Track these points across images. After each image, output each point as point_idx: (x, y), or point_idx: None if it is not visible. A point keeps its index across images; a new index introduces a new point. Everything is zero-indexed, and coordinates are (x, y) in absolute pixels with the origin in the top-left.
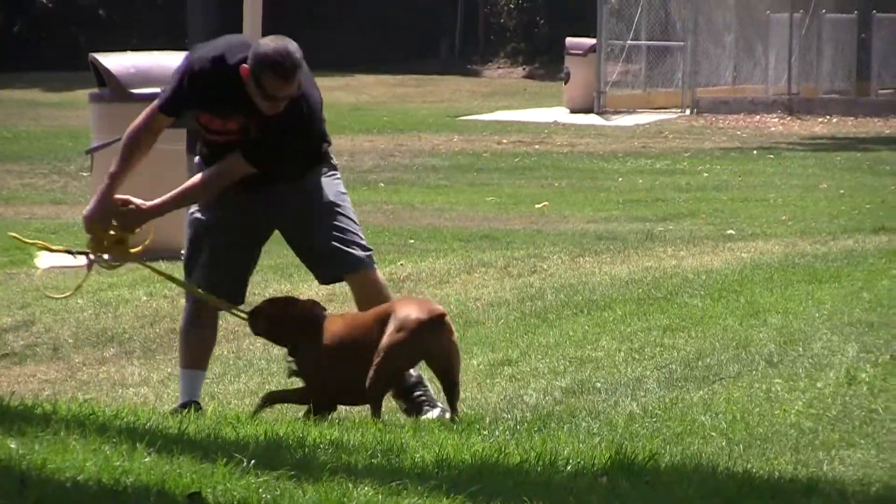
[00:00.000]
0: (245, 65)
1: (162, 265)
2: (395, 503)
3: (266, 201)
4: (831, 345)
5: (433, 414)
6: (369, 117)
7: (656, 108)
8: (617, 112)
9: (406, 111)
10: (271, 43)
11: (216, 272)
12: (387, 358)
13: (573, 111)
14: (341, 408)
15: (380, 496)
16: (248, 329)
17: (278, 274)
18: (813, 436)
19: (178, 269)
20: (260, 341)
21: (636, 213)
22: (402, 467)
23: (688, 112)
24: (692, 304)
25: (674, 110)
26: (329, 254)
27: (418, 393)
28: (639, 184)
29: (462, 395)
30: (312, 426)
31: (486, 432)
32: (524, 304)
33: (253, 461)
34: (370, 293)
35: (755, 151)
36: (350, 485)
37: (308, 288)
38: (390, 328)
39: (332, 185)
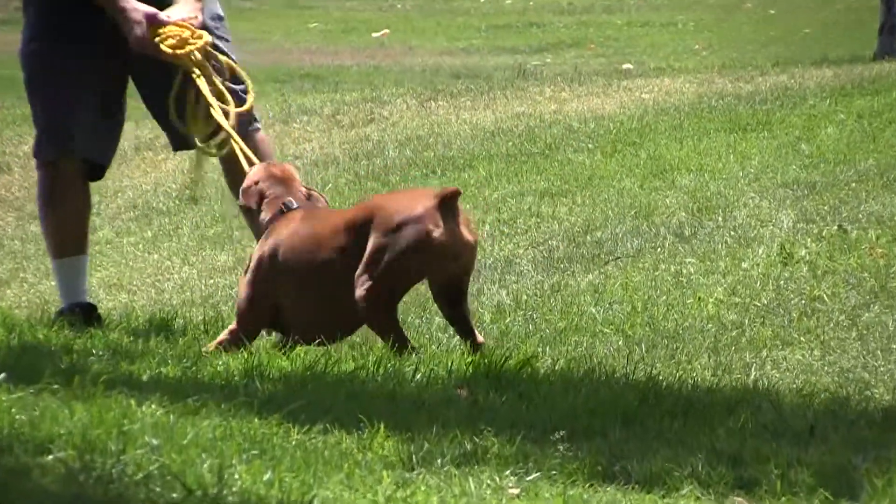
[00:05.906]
0: None
1: None
2: (191, 425)
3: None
4: (760, 213)
5: None
6: None
7: None
8: None
9: None
10: None
11: (90, 118)
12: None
13: None
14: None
15: (171, 416)
16: None
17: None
18: (738, 332)
19: None
20: (11, 217)
21: (504, 42)
22: (200, 378)
23: None
24: (578, 162)
25: None
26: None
27: None
28: (507, 4)
29: None
30: (78, 331)
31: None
32: (358, 164)
33: (5, 373)
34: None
35: None
36: (132, 402)
37: None
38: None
39: None
